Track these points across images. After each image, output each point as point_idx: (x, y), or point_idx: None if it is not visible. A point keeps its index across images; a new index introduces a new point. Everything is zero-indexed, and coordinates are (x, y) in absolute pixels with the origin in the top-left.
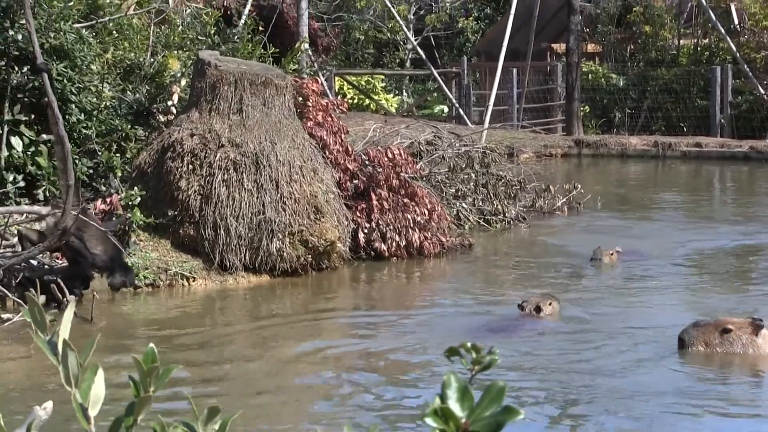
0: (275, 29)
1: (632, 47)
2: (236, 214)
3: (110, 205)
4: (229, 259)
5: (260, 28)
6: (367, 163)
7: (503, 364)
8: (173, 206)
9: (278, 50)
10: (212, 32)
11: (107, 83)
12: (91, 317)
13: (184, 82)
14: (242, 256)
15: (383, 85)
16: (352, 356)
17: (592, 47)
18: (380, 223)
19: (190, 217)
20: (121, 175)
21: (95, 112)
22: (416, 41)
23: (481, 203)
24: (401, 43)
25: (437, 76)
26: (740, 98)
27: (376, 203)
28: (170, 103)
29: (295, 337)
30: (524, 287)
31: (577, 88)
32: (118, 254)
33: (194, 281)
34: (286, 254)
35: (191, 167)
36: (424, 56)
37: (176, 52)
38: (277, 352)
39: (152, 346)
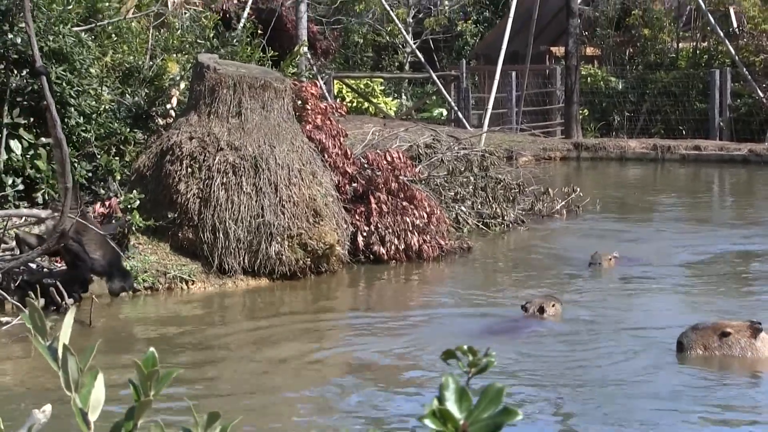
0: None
1: (631, 50)
2: (235, 217)
3: (109, 208)
4: (228, 262)
5: (259, 31)
6: (366, 166)
7: (502, 365)
8: (172, 209)
9: (277, 53)
10: (211, 35)
11: (106, 86)
12: (90, 321)
13: (183, 85)
14: (241, 259)
15: (382, 88)
16: (351, 359)
17: (591, 50)
18: (379, 226)
19: (189, 220)
20: (120, 178)
21: (94, 115)
22: (415, 44)
23: (480, 206)
24: (400, 46)
25: (436, 79)
26: (739, 101)
27: (375, 206)
28: (169, 106)
29: (294, 340)
30: (523, 290)
31: (576, 91)
32: (116, 259)
33: (193, 284)
34: (285, 257)
35: (190, 170)
36: (423, 59)
37: (175, 55)
38: (276, 355)
39: (152, 350)
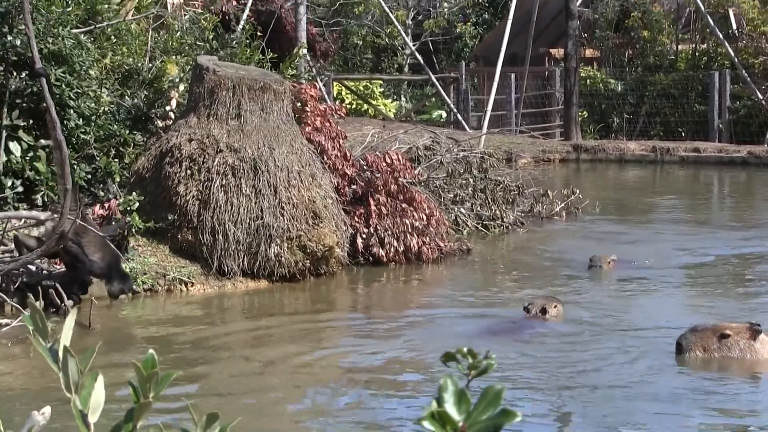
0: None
1: (630, 52)
2: (234, 219)
3: (109, 210)
4: (227, 264)
5: (258, 33)
6: (365, 168)
7: (501, 366)
8: (171, 211)
9: (276, 55)
10: (210, 37)
11: (105, 88)
12: (89, 323)
13: (182, 87)
14: (240, 261)
15: (381, 90)
16: (350, 361)
17: (590, 52)
18: (378, 228)
19: (188, 222)
20: (119, 180)
21: (93, 117)
22: (414, 46)
23: (479, 208)
24: (399, 48)
25: (435, 81)
26: (738, 103)
27: (374, 208)
28: (168, 108)
29: (293, 341)
30: (523, 292)
31: (575, 93)
32: (115, 261)
33: (192, 286)
34: (284, 259)
35: (189, 172)
36: (422, 61)
37: (174, 57)
38: (275, 356)
39: (152, 351)
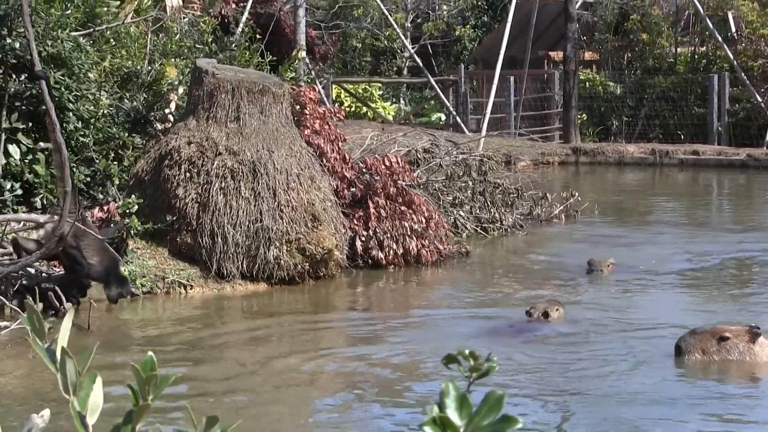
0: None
1: (629, 55)
2: (233, 222)
3: (108, 212)
4: (226, 267)
5: (257, 36)
6: (364, 171)
7: (501, 370)
8: (171, 214)
9: (275, 58)
10: (209, 40)
11: (105, 91)
12: (88, 325)
13: (181, 90)
14: (239, 264)
15: (380, 93)
16: (349, 364)
17: (589, 55)
18: (377, 231)
19: (187, 225)
20: (118, 183)
21: (93, 120)
22: (413, 49)
23: (478, 211)
24: (398, 51)
25: (434, 84)
26: (737, 106)
27: (373, 211)
28: (167, 111)
29: (292, 344)
30: (522, 295)
31: (574, 95)
32: (113, 265)
33: (191, 289)
34: (283, 262)
35: (188, 175)
36: (421, 64)
37: (173, 60)
38: (274, 359)
39: (151, 354)
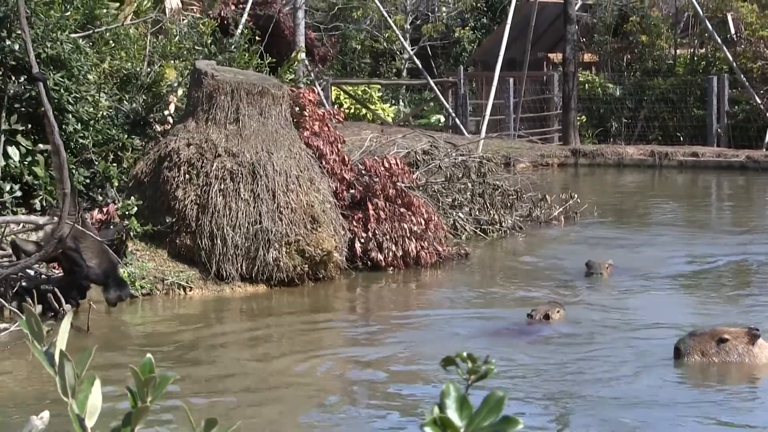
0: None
1: (629, 57)
2: (233, 223)
3: (107, 214)
4: (225, 268)
5: (257, 37)
6: (363, 172)
7: (500, 372)
8: (170, 216)
9: (275, 60)
10: (209, 42)
11: (104, 93)
12: (87, 327)
13: (180, 91)
14: (239, 265)
15: (380, 94)
16: (348, 365)
17: (588, 57)
18: (377, 232)
19: (186, 226)
20: (117, 184)
21: (92, 121)
22: (413, 51)
23: (477, 213)
24: (398, 52)
25: (434, 85)
26: (737, 108)
27: (372, 213)
28: (167, 112)
29: (291, 346)
30: (521, 297)
31: (573, 97)
32: (112, 268)
33: (191, 291)
34: (282, 264)
35: (188, 177)
36: (420, 66)
37: (173, 61)
38: (272, 361)
39: (150, 356)
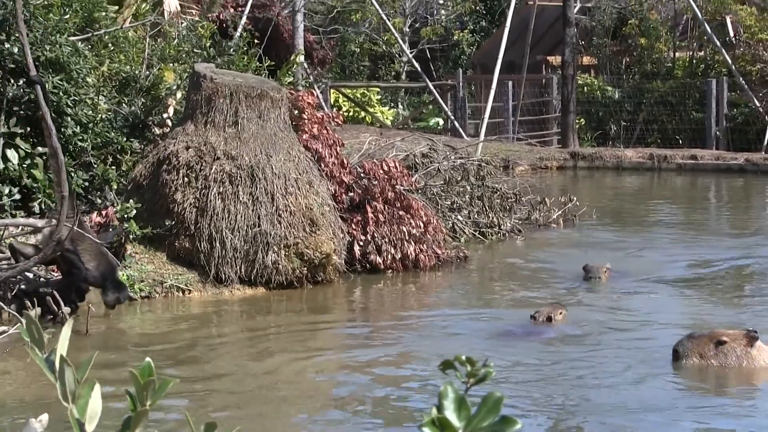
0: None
1: (628, 60)
2: (232, 226)
3: (106, 217)
4: (224, 271)
5: (256, 40)
6: (362, 175)
7: (499, 375)
8: (169, 219)
9: (274, 63)
10: (208, 45)
11: (103, 96)
12: (86, 330)
13: (179, 94)
14: (238, 268)
15: (379, 97)
16: (347, 368)
17: (587, 60)
18: (376, 235)
19: (185, 229)
20: (116, 187)
21: (91, 124)
22: (412, 54)
23: (476, 216)
24: (397, 55)
25: (432, 88)
26: (736, 111)
27: (371, 216)
28: (166, 115)
29: (289, 349)
30: (520, 299)
31: (572, 100)
32: (110, 271)
33: (190, 293)
34: (281, 267)
35: (187, 180)
36: (419, 69)
37: (172, 64)
38: (271, 364)
39: (149, 360)
